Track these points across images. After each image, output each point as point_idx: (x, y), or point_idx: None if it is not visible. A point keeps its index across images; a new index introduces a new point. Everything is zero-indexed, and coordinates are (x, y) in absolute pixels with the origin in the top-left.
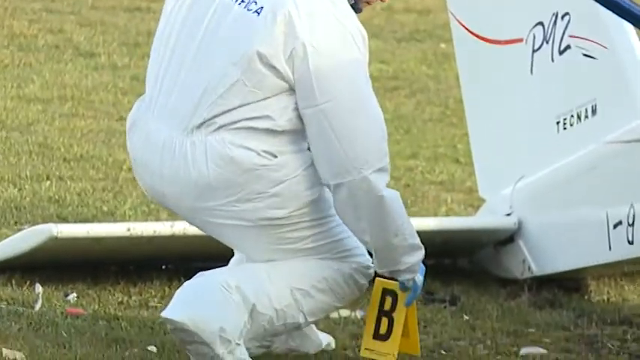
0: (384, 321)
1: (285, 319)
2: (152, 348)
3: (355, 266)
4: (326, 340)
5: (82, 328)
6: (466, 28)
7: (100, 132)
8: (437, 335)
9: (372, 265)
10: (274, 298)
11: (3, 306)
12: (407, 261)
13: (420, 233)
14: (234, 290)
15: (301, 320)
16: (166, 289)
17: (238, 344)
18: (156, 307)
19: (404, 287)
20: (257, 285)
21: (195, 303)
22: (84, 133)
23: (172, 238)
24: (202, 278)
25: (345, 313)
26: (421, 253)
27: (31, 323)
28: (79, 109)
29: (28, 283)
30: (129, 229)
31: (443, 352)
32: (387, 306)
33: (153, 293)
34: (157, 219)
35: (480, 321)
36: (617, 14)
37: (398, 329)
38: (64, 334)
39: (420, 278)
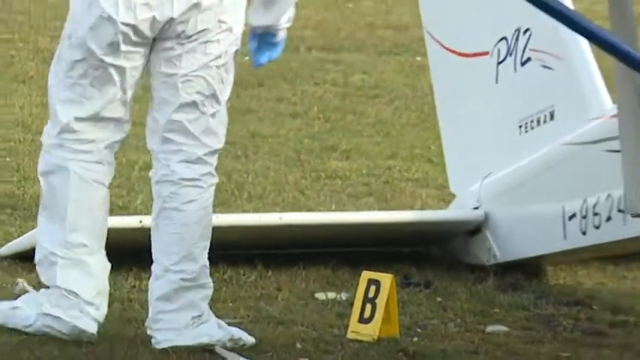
0: (368, 307)
1: None
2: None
3: None
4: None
5: (112, 309)
6: (439, 43)
7: None
8: (413, 315)
9: None
10: None
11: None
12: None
13: (398, 224)
14: None
15: None
16: None
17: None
18: None
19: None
20: None
21: None
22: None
23: None
24: None
25: (332, 295)
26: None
27: None
28: None
29: None
30: (140, 221)
31: (418, 330)
32: (371, 294)
33: None
34: None
35: (451, 302)
36: (571, 29)
37: (379, 314)
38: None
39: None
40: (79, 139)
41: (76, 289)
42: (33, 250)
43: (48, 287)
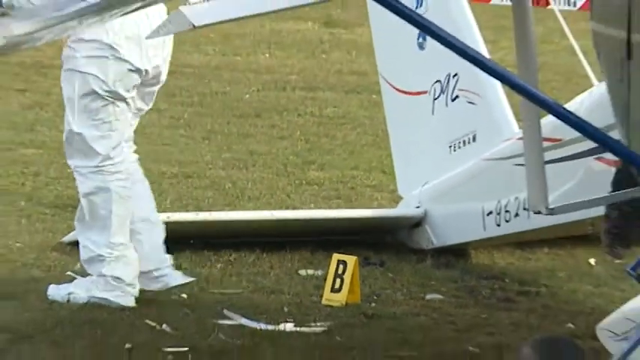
0: (338, 281)
1: None
2: (184, 295)
3: None
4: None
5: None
6: (390, 84)
7: (147, 152)
8: (371, 286)
9: None
10: None
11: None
12: None
13: (360, 219)
14: None
15: None
16: (193, 256)
17: None
18: (186, 267)
19: None
20: None
21: None
22: (140, 153)
23: (195, 223)
24: None
25: (310, 272)
26: None
27: None
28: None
29: None
30: (168, 217)
31: (375, 298)
32: (340, 271)
33: (184, 259)
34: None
35: (399, 277)
36: (488, 74)
37: (346, 286)
38: None
39: None
40: (114, 163)
41: (120, 275)
42: None
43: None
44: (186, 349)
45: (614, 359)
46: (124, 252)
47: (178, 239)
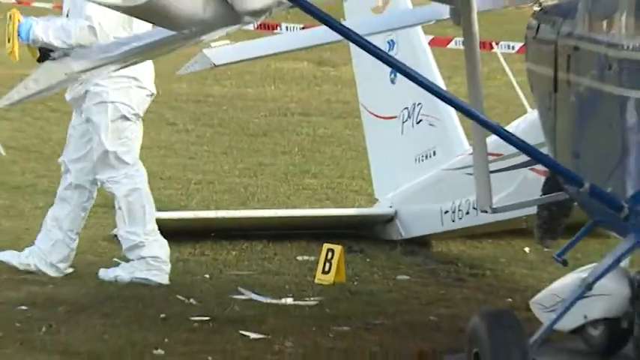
0: (327, 265)
1: None
2: (207, 276)
3: None
4: None
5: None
6: (368, 111)
7: (177, 164)
8: (353, 269)
9: None
10: None
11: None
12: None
13: (345, 216)
14: None
15: None
16: (214, 245)
17: None
18: (208, 254)
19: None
20: None
21: None
22: (172, 164)
23: (215, 220)
24: None
25: (306, 258)
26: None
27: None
28: (167, 153)
29: None
30: (195, 215)
31: (356, 278)
32: (329, 257)
33: (206, 247)
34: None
35: (376, 262)
36: (446, 103)
37: (334, 269)
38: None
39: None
40: (138, 168)
41: (158, 255)
42: None
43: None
44: (208, 318)
45: (544, 327)
46: (157, 237)
47: (202, 232)
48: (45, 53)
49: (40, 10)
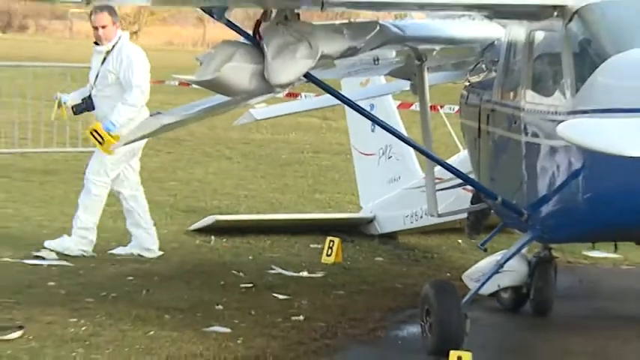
0: (329, 250)
1: None
2: (250, 257)
3: None
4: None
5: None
6: (357, 149)
7: (232, 184)
8: (347, 253)
9: None
10: None
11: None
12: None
13: (342, 219)
14: None
15: None
16: (255, 237)
17: None
18: (251, 242)
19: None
20: None
21: None
22: (228, 184)
23: (257, 221)
24: None
25: (315, 245)
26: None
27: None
28: (225, 177)
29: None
30: (244, 217)
31: (349, 259)
32: (331, 245)
33: (250, 238)
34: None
35: (361, 248)
36: (407, 144)
37: (334, 253)
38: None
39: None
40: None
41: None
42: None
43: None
44: (251, 285)
45: (471, 292)
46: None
47: (248, 229)
48: (79, 109)
49: None
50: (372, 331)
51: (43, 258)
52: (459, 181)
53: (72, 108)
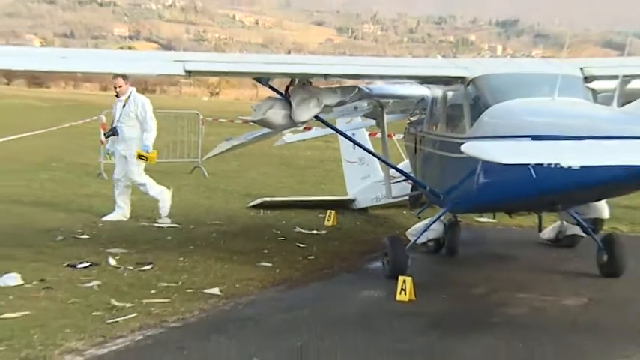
0: (329, 218)
1: None
2: (284, 222)
3: None
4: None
5: (273, 218)
6: (345, 160)
7: (272, 182)
8: (339, 220)
9: None
10: None
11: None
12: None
13: (336, 200)
14: None
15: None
16: (286, 213)
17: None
18: (285, 215)
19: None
20: None
21: None
22: (268, 183)
23: (288, 201)
24: None
25: (322, 216)
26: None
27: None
28: (266, 178)
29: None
30: (279, 199)
31: (340, 224)
32: (329, 215)
33: (288, 213)
34: (283, 197)
35: (348, 218)
36: (374, 157)
37: (331, 220)
38: (265, 220)
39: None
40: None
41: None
42: (258, 205)
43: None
44: (284, 238)
45: (411, 242)
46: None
47: (283, 206)
48: (107, 134)
49: None
50: (353, 265)
51: (161, 223)
52: (404, 177)
53: (104, 134)
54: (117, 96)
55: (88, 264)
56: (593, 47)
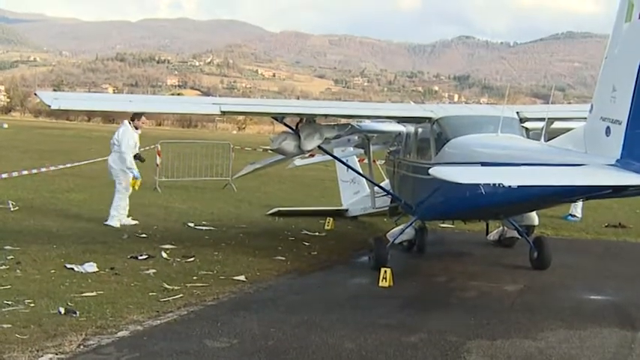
0: (328, 223)
1: None
2: (293, 226)
3: None
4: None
5: (288, 222)
6: (340, 179)
7: (285, 196)
8: (336, 225)
9: None
10: None
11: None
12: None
13: (334, 210)
14: None
15: None
16: (298, 220)
17: None
18: (296, 221)
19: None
20: None
21: None
22: (281, 196)
23: (298, 211)
24: None
25: (323, 221)
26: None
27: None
28: (280, 193)
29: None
30: (292, 209)
31: (336, 228)
32: (329, 221)
33: (295, 220)
34: (293, 207)
35: (342, 223)
36: (362, 177)
37: (330, 225)
38: (278, 225)
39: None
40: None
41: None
42: (274, 213)
43: None
44: (293, 238)
45: (391, 241)
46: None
47: (293, 214)
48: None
49: None
50: (347, 259)
51: (201, 226)
52: (385, 193)
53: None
54: (136, 128)
55: (146, 256)
56: (524, 97)
